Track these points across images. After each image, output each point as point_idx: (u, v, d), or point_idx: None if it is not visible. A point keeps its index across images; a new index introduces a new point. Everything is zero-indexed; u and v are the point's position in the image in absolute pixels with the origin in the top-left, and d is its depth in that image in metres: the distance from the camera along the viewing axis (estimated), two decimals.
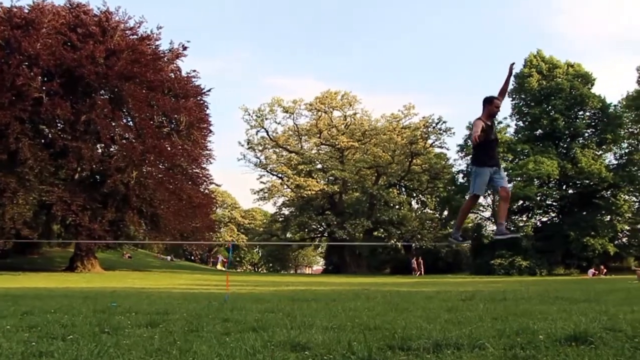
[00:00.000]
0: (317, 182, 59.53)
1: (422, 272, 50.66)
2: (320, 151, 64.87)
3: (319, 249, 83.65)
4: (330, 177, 60.73)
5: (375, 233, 62.82)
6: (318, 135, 63.58)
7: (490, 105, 7.37)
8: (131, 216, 37.08)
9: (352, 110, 64.55)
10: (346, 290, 17.28)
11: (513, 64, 7.58)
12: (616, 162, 56.92)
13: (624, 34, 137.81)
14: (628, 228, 57.16)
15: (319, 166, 62.49)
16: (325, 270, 72.82)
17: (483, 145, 7.27)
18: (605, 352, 4.04)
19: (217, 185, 50.31)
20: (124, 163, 35.02)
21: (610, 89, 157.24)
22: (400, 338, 4.78)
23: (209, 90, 41.48)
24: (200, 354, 4.26)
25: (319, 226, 63.62)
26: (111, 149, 37.88)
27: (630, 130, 57.71)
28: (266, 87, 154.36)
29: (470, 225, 61.06)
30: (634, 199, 57.04)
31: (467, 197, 8.55)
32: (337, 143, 61.16)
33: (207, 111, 41.67)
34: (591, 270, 43.11)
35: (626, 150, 57.95)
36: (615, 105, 56.79)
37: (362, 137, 62.14)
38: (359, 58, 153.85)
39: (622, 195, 53.99)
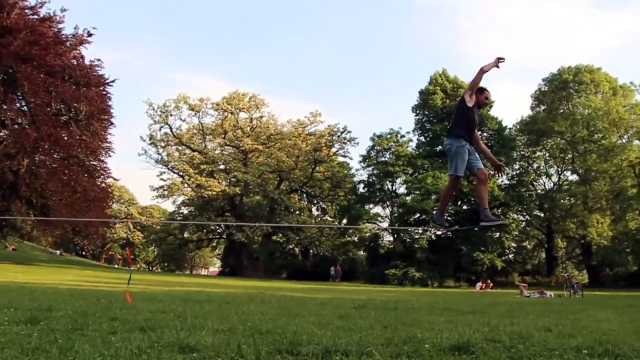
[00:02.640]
0: (218, 182, 58.87)
1: (340, 279, 51.36)
2: (224, 152, 64.23)
3: (217, 250, 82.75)
4: (233, 179, 60.20)
5: (274, 237, 62.83)
6: (223, 135, 62.95)
7: (481, 95, 7.29)
8: (19, 206, 35.27)
9: (258, 113, 64.41)
10: (241, 293, 17.14)
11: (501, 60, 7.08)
12: (508, 182, 59.85)
13: (522, 62, 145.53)
14: (515, 245, 60.29)
15: (222, 167, 61.85)
16: (221, 272, 72.04)
17: (467, 121, 7.23)
18: None
19: (115, 179, 48.79)
20: (14, 149, 33.13)
21: (507, 112, 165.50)
22: (290, 343, 4.76)
23: (113, 81, 39.98)
24: (82, 353, 4.06)
25: (218, 228, 62.88)
26: (1, 134, 35.74)
27: (522, 153, 61.06)
28: (172, 83, 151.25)
29: (367, 235, 62.31)
30: (522, 218, 60.21)
31: (449, 177, 7.77)
32: (241, 145, 60.80)
33: (110, 102, 40.14)
34: (479, 284, 44.90)
35: (518, 172, 61.26)
36: (510, 129, 59.91)
37: (267, 140, 62.08)
38: (269, 61, 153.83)
39: (511, 214, 56.69)
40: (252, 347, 4.36)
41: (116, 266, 66.18)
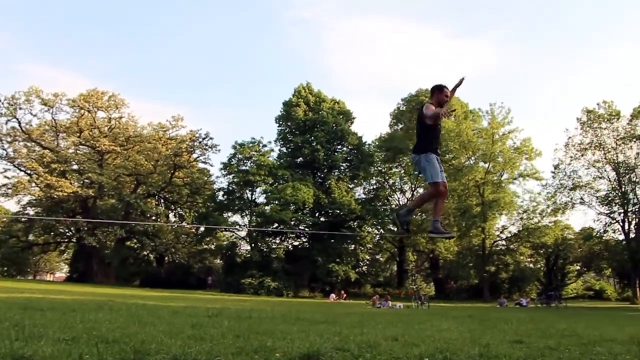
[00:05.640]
0: (70, 183, 55.66)
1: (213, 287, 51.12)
2: (78, 151, 60.89)
3: (65, 254, 78.20)
4: (86, 180, 57.24)
5: (128, 243, 60.65)
6: (78, 134, 59.75)
7: (441, 93, 7.17)
8: None
9: (118, 113, 61.85)
10: (89, 300, 16.30)
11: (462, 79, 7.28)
12: (365, 196, 62.00)
13: (383, 82, 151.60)
14: (368, 257, 62.46)
15: (75, 167, 58.58)
16: (69, 278, 68.26)
17: (432, 131, 7.11)
18: None
19: None
20: None
21: (367, 128, 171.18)
22: (137, 352, 4.57)
23: None
24: None
25: (67, 230, 59.49)
26: None
27: (379, 168, 63.51)
28: (22, 75, 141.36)
29: (225, 243, 61.84)
30: (376, 231, 62.46)
31: (430, 185, 7.50)
32: (97, 145, 58.03)
33: None
34: (333, 295, 45.91)
35: (374, 187, 63.64)
36: (369, 144, 62.12)
37: (125, 142, 59.81)
38: (133, 61, 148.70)
39: (366, 227, 58.71)
40: (95, 357, 4.12)
41: None
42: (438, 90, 7.29)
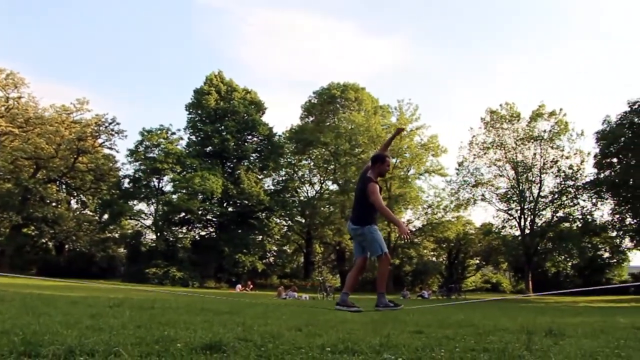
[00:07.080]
0: None
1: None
2: None
3: None
4: None
5: (25, 230, 57.91)
6: None
7: (383, 164, 7.09)
8: None
9: (17, 92, 58.64)
10: None
11: (402, 130, 7.17)
12: (274, 187, 62.03)
13: (294, 74, 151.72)
14: (276, 249, 62.58)
15: None
16: None
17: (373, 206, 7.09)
18: (234, 359, 4.25)
19: None
20: None
21: (278, 120, 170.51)
22: (29, 343, 4.35)
23: None
24: None
25: None
26: None
27: (289, 160, 63.70)
28: None
29: (130, 232, 60.27)
30: (284, 222, 62.69)
31: (378, 258, 7.28)
32: None
33: None
34: (239, 286, 45.76)
35: (284, 178, 63.78)
36: (280, 136, 62.16)
37: (24, 124, 56.82)
38: (35, 39, 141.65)
39: (274, 219, 58.81)
40: None
41: None
42: (380, 161, 7.25)
